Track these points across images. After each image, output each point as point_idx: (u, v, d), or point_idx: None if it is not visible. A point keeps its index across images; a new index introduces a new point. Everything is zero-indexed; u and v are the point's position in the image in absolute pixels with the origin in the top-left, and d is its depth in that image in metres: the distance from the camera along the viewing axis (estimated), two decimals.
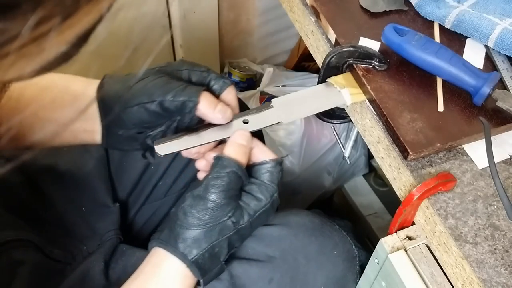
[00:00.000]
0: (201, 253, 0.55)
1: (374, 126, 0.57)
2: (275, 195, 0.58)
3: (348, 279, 0.68)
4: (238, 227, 0.56)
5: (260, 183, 0.58)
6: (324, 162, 1.27)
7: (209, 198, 0.55)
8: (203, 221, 0.55)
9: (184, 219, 0.56)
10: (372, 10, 0.63)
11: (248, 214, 0.56)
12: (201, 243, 0.55)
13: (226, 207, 0.55)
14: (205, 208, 0.55)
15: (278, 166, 0.59)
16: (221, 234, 0.55)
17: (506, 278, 0.46)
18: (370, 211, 1.26)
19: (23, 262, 0.60)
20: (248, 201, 0.57)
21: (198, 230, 0.55)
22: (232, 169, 0.55)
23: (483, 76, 0.55)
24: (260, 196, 0.57)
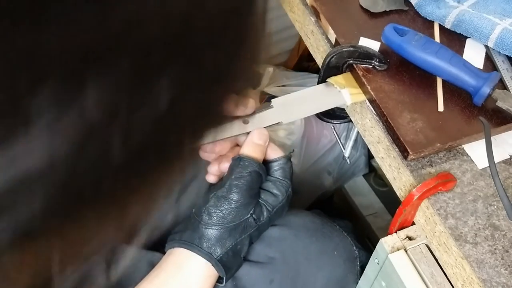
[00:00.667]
0: (225, 252, 0.57)
1: (374, 126, 0.57)
2: (289, 190, 0.61)
3: (348, 279, 0.68)
4: (259, 224, 0.58)
5: (275, 180, 0.60)
6: (324, 162, 1.27)
7: (233, 198, 0.57)
8: (227, 220, 0.57)
9: (208, 219, 0.58)
10: (372, 10, 0.63)
11: (267, 210, 0.59)
12: (225, 242, 0.57)
13: (249, 205, 0.57)
14: (229, 207, 0.57)
15: (289, 162, 0.62)
16: (244, 231, 0.58)
17: (506, 278, 0.46)
18: (370, 211, 1.26)
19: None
20: (266, 198, 0.59)
21: (222, 230, 0.57)
22: (254, 169, 0.57)
23: (483, 76, 0.55)
24: (277, 192, 0.60)
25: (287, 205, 0.62)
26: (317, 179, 1.30)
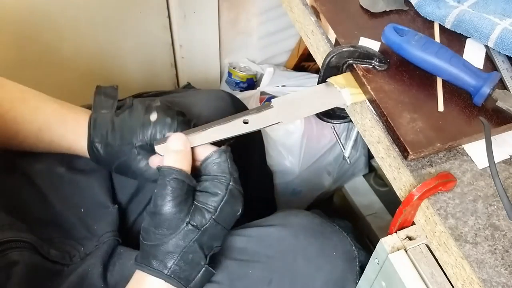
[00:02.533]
0: (175, 263, 0.56)
1: (374, 126, 0.57)
2: (231, 184, 0.57)
3: (348, 280, 0.68)
4: (202, 228, 0.56)
5: (211, 177, 0.57)
6: (324, 162, 1.27)
7: (160, 211, 0.55)
8: (163, 235, 0.56)
9: (148, 238, 0.57)
10: (372, 10, 0.63)
11: (209, 212, 0.56)
12: (171, 254, 0.56)
13: (179, 213, 0.55)
14: (159, 222, 0.55)
15: (223, 154, 0.58)
16: (187, 239, 0.56)
17: (506, 278, 0.46)
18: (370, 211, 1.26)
19: (19, 263, 0.60)
20: (204, 200, 0.56)
21: (164, 245, 0.56)
22: (172, 176, 0.55)
23: (483, 76, 0.55)
24: (215, 190, 0.57)
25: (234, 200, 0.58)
26: (317, 179, 1.30)
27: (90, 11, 1.08)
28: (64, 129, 0.68)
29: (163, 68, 1.33)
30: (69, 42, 1.10)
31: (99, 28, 1.13)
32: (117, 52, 1.21)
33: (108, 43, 1.17)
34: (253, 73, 1.43)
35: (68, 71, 1.14)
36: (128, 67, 1.26)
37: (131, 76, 1.28)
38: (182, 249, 0.56)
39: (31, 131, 0.67)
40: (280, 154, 1.21)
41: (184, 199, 0.56)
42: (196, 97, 0.85)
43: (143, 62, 1.28)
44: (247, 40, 1.39)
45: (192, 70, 1.36)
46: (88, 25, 1.10)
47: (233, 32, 1.36)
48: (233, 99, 0.90)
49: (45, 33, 1.04)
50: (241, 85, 1.42)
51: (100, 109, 0.67)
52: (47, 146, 0.69)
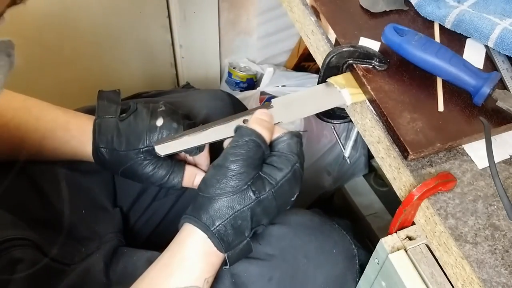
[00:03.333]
0: (223, 224, 0.55)
1: (374, 126, 0.57)
2: (297, 165, 0.58)
3: (347, 278, 0.68)
4: (260, 197, 0.56)
5: (280, 154, 0.58)
6: (324, 162, 1.27)
7: (228, 166, 0.55)
8: (223, 190, 0.55)
9: (205, 189, 0.56)
10: (372, 10, 0.63)
11: (270, 184, 0.56)
12: (223, 213, 0.55)
13: (246, 175, 0.55)
14: (224, 176, 0.55)
15: (295, 137, 0.59)
16: (243, 203, 0.55)
17: (506, 278, 0.46)
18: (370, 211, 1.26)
19: (22, 261, 0.61)
20: (269, 171, 0.57)
21: (219, 200, 0.55)
22: (251, 138, 0.56)
23: (483, 76, 0.55)
24: (281, 165, 0.57)
25: (294, 181, 0.59)
26: (317, 179, 1.30)
27: (90, 11, 1.08)
28: (68, 136, 0.68)
29: (163, 68, 1.34)
30: (69, 42, 1.10)
31: (99, 28, 1.13)
32: (117, 52, 1.21)
33: (108, 43, 1.17)
34: (253, 73, 1.43)
35: (68, 71, 1.14)
36: (128, 67, 1.26)
37: (131, 76, 1.28)
38: (235, 212, 0.55)
39: (35, 139, 0.67)
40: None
41: (254, 164, 0.56)
42: (195, 97, 0.86)
43: (143, 62, 1.28)
44: (247, 40, 1.39)
45: (192, 70, 1.36)
46: (88, 25, 1.10)
47: (233, 32, 1.36)
48: (233, 99, 0.90)
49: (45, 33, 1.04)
50: (241, 85, 1.42)
51: (104, 114, 0.67)
52: (52, 153, 0.69)
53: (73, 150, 0.69)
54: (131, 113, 0.67)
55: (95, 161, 0.68)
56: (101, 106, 0.68)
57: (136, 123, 0.66)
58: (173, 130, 0.66)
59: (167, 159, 0.67)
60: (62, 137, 0.68)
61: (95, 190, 0.75)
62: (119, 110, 0.68)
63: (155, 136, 0.66)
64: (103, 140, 0.66)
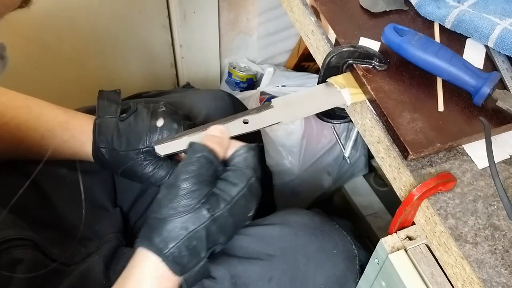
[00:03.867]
0: (177, 245, 0.53)
1: (374, 126, 0.57)
2: (253, 179, 0.56)
3: (347, 278, 0.68)
4: (214, 215, 0.54)
5: (235, 168, 0.56)
6: (324, 163, 1.27)
7: (180, 185, 0.53)
8: (176, 210, 0.53)
9: (158, 211, 0.54)
10: (372, 10, 0.63)
11: (224, 200, 0.54)
12: (177, 234, 0.53)
13: (199, 193, 0.53)
14: (176, 196, 0.53)
15: (251, 151, 0.58)
16: (197, 223, 0.53)
17: (506, 278, 0.46)
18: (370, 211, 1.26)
19: (22, 261, 0.61)
20: (223, 187, 0.55)
21: (172, 221, 0.53)
22: (203, 154, 0.54)
23: (483, 76, 0.55)
24: (236, 180, 0.55)
25: (251, 196, 0.56)
26: (317, 179, 1.30)
27: (90, 11, 1.08)
28: (68, 136, 0.68)
29: (163, 68, 1.34)
30: (69, 42, 1.10)
31: (99, 28, 1.13)
32: (117, 52, 1.21)
33: (108, 43, 1.17)
34: (253, 73, 1.43)
35: (68, 71, 1.14)
36: (128, 67, 1.26)
37: (131, 76, 1.28)
38: (189, 232, 0.53)
39: (35, 138, 0.67)
40: (279, 155, 1.21)
41: (207, 180, 0.54)
42: (195, 97, 0.86)
43: (143, 62, 1.28)
44: (247, 40, 1.39)
45: (192, 70, 1.36)
46: (88, 25, 1.10)
47: (233, 32, 1.36)
48: (233, 99, 0.90)
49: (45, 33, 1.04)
50: (241, 85, 1.42)
51: (104, 114, 0.67)
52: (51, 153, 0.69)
53: (73, 150, 0.69)
54: (132, 113, 0.67)
55: (95, 161, 0.68)
56: (101, 106, 0.68)
57: (136, 123, 0.66)
58: (173, 131, 0.65)
59: (167, 159, 0.67)
60: (61, 136, 0.68)
61: (95, 190, 0.75)
62: (119, 110, 0.68)
63: (155, 137, 0.65)
64: (103, 140, 0.66)
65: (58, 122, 0.68)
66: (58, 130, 0.68)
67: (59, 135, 0.68)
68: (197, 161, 0.54)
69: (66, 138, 0.68)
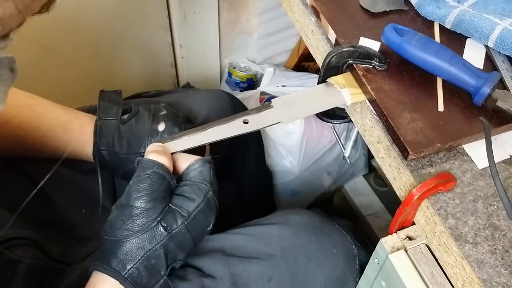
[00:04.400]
0: (135, 266, 0.52)
1: (374, 126, 0.57)
2: (210, 194, 0.55)
3: (347, 278, 0.68)
4: (172, 232, 0.53)
5: (191, 183, 0.55)
6: (324, 163, 1.27)
7: (133, 204, 0.52)
8: (131, 230, 0.52)
9: (111, 232, 0.53)
10: (372, 10, 0.63)
11: (182, 216, 0.53)
12: (134, 255, 0.52)
13: (154, 211, 0.52)
14: (130, 216, 0.52)
15: (207, 164, 0.57)
16: (154, 242, 0.52)
17: (506, 278, 0.46)
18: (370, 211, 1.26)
19: (24, 260, 0.61)
20: (179, 203, 0.54)
21: (128, 242, 0.52)
22: (154, 170, 0.53)
23: (483, 76, 0.55)
24: (193, 195, 0.54)
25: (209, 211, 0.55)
26: (317, 179, 1.30)
27: (90, 11, 1.08)
28: (69, 136, 0.68)
29: (163, 68, 1.34)
30: (69, 42, 1.10)
31: (99, 28, 1.13)
32: (117, 52, 1.21)
33: (108, 43, 1.17)
34: (253, 73, 1.43)
35: (68, 72, 1.14)
36: (128, 67, 1.26)
37: (131, 76, 1.28)
38: (146, 252, 0.52)
39: (36, 137, 0.67)
40: (279, 155, 1.21)
41: (161, 197, 0.53)
42: (196, 97, 0.86)
43: (143, 62, 1.28)
44: (247, 40, 1.39)
45: (192, 70, 1.36)
46: (88, 25, 1.10)
47: (233, 32, 1.36)
48: (233, 99, 0.90)
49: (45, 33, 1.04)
50: (241, 85, 1.42)
51: (105, 116, 0.67)
52: (52, 152, 0.69)
53: (73, 150, 0.69)
54: (133, 115, 0.67)
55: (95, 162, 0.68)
56: (102, 107, 0.68)
57: (137, 126, 0.66)
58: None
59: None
60: (63, 136, 0.68)
61: (95, 190, 0.75)
62: (121, 111, 0.68)
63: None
64: (104, 142, 0.66)
65: (60, 123, 0.68)
66: (60, 131, 0.68)
67: (61, 135, 0.68)
68: (148, 178, 0.53)
69: (67, 139, 0.68)
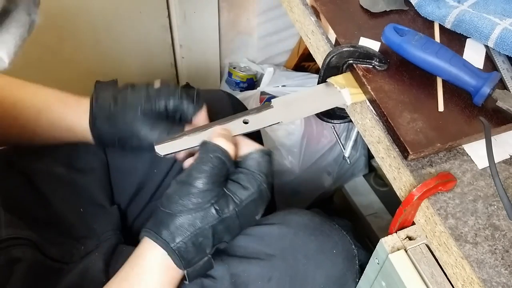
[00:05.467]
0: (183, 241, 0.54)
1: (374, 126, 0.57)
2: (264, 185, 0.57)
3: (347, 278, 0.68)
4: (223, 216, 0.55)
5: (247, 172, 0.57)
6: (324, 163, 1.27)
7: (192, 183, 0.54)
8: (186, 207, 0.54)
9: (167, 205, 0.55)
10: (372, 10, 0.63)
11: (234, 203, 0.55)
12: (184, 230, 0.54)
13: (210, 193, 0.54)
14: (187, 193, 0.54)
15: (266, 156, 0.58)
16: (204, 221, 0.54)
17: (506, 278, 0.46)
18: (370, 211, 1.26)
19: (20, 260, 0.61)
20: (234, 189, 0.56)
21: (181, 217, 0.54)
22: (216, 154, 0.55)
23: (483, 76, 0.55)
24: (247, 184, 0.56)
25: (260, 201, 0.57)
26: (317, 179, 1.30)
27: (90, 11, 1.08)
28: (65, 108, 0.68)
29: (163, 68, 1.34)
30: (69, 42, 1.10)
31: (99, 28, 1.13)
32: (117, 52, 1.21)
33: (108, 43, 1.17)
34: (253, 73, 1.43)
35: (68, 72, 1.14)
36: (128, 67, 1.26)
37: (131, 76, 1.28)
38: (196, 229, 0.54)
39: (30, 115, 0.67)
40: (280, 155, 1.21)
41: (219, 181, 0.55)
42: None
43: (143, 62, 1.28)
44: (247, 40, 1.39)
45: (192, 70, 1.36)
46: (88, 25, 1.10)
47: (233, 32, 1.36)
48: (233, 99, 0.90)
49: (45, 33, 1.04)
50: (241, 85, 1.42)
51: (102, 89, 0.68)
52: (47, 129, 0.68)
53: (69, 124, 0.68)
54: (128, 85, 0.68)
55: (92, 131, 0.67)
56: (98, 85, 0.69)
57: (133, 91, 0.67)
58: (171, 92, 0.66)
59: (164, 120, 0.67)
60: (58, 109, 0.68)
61: (92, 188, 0.75)
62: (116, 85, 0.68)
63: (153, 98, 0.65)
64: (100, 107, 0.66)
65: (55, 96, 0.68)
66: (55, 104, 0.68)
67: (55, 109, 0.68)
68: (211, 161, 0.55)
69: (62, 110, 0.68)
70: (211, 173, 0.54)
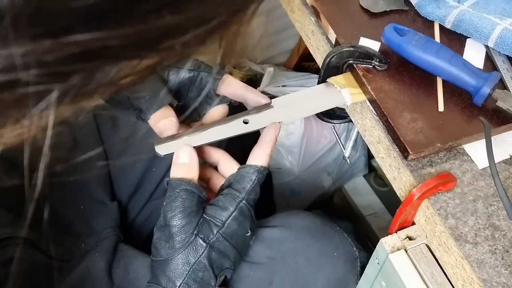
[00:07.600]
0: (185, 282, 0.54)
1: (374, 126, 0.57)
2: (243, 202, 0.56)
3: (349, 281, 0.67)
4: (209, 242, 0.55)
5: (226, 192, 0.57)
6: (324, 163, 1.27)
7: (170, 223, 0.54)
8: (173, 248, 0.54)
9: (157, 253, 0.56)
10: (372, 10, 0.63)
11: (216, 226, 0.55)
12: (181, 271, 0.54)
13: (190, 225, 0.54)
14: (170, 235, 0.54)
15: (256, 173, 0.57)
16: (197, 254, 0.55)
17: (506, 278, 0.46)
18: (370, 211, 1.26)
19: (19, 259, 0.61)
20: (213, 213, 0.56)
21: (173, 259, 0.54)
22: (182, 187, 0.55)
23: (483, 76, 0.55)
24: (226, 205, 0.56)
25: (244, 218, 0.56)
26: (317, 179, 1.30)
27: None
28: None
29: None
30: None
31: None
32: None
33: None
34: (253, 73, 1.43)
35: None
36: None
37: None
38: (192, 266, 0.54)
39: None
40: (279, 155, 1.21)
41: (194, 210, 0.55)
42: None
43: None
44: (247, 40, 1.39)
45: None
46: None
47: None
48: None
49: None
50: None
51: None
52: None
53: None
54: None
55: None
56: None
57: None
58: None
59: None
60: None
61: (92, 186, 0.74)
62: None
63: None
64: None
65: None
66: None
67: None
68: (179, 196, 0.54)
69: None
70: (183, 206, 0.54)
